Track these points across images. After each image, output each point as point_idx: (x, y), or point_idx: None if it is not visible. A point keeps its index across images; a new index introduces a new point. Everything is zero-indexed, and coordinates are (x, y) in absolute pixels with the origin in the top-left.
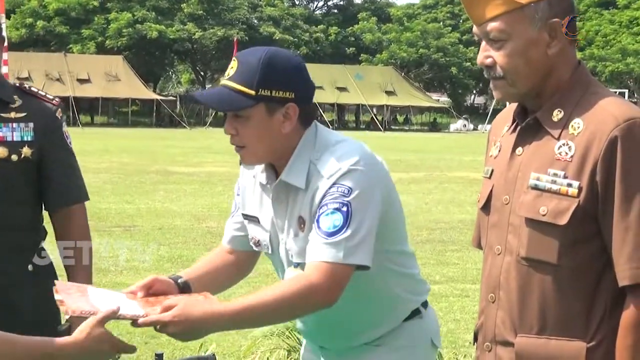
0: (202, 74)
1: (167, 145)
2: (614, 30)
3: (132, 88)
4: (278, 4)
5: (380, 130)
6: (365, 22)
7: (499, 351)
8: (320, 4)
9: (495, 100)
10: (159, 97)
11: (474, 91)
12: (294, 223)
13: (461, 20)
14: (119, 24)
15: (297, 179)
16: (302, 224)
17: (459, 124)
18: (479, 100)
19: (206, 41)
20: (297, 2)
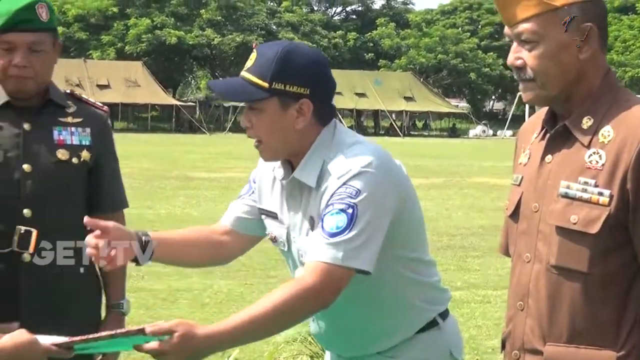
0: (222, 79)
1: (187, 150)
2: (633, 36)
3: (152, 94)
4: (297, 10)
5: (399, 136)
6: (383, 28)
7: (528, 359)
8: (339, 9)
9: (514, 105)
10: (178, 103)
11: (493, 97)
12: (306, 222)
13: (480, 26)
14: (138, 29)
15: (309, 177)
16: (312, 224)
17: (478, 129)
18: (498, 105)
19: (225, 47)
20: (316, 8)
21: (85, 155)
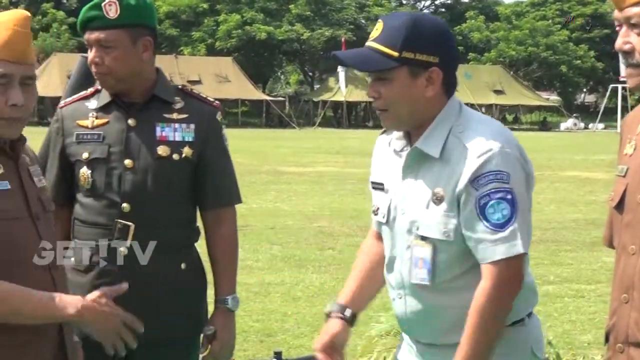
0: (311, 74)
1: (277, 145)
2: None
3: (242, 89)
4: (385, 4)
5: None
6: (473, 21)
7: (632, 352)
8: (428, 3)
9: (606, 98)
10: (268, 98)
11: (585, 89)
12: (426, 194)
13: (571, 18)
14: (228, 25)
15: (433, 148)
16: (438, 198)
17: (569, 122)
18: (590, 98)
19: (314, 42)
20: (405, 2)
21: (187, 151)
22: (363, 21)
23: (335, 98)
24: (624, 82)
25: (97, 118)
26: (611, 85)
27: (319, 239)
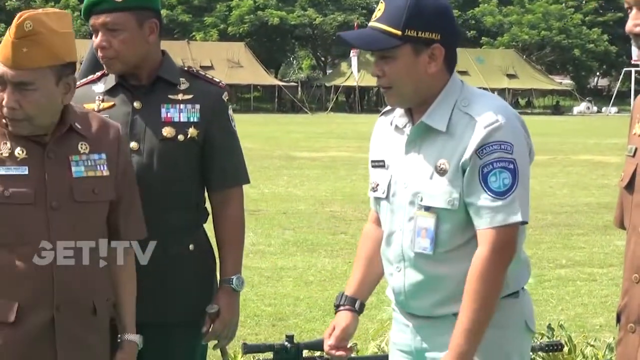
0: (323, 59)
1: (289, 130)
2: None
3: (254, 74)
4: None
5: None
6: (486, 5)
7: None
8: None
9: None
10: (281, 83)
11: (598, 73)
12: (430, 166)
13: (584, 1)
14: (241, 10)
15: (439, 122)
16: (442, 169)
17: (582, 106)
18: (603, 82)
19: (327, 27)
20: None
21: (192, 132)
22: (375, 5)
23: (347, 83)
24: (637, 66)
25: (104, 101)
26: (624, 68)
27: (331, 224)
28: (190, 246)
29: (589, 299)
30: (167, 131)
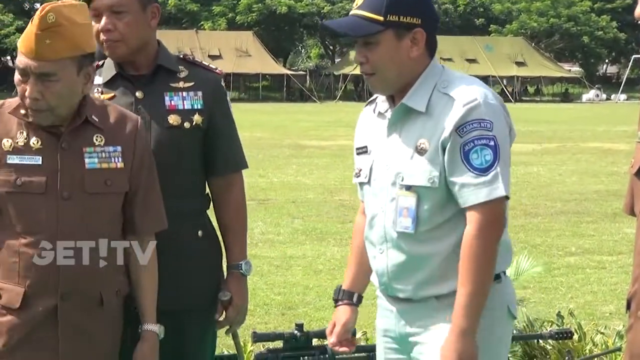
0: (332, 48)
1: (298, 119)
2: None
3: (263, 63)
4: None
5: (511, 102)
6: None
7: None
8: None
9: (629, 69)
10: (289, 72)
11: (607, 60)
12: (410, 146)
13: None
14: (249, 0)
15: (419, 103)
16: (422, 148)
17: (591, 94)
18: (612, 69)
19: (335, 15)
20: None
21: (197, 119)
22: None
23: (356, 72)
24: None
25: (103, 93)
26: (634, 55)
27: (340, 212)
28: (199, 233)
29: (599, 287)
30: (173, 119)
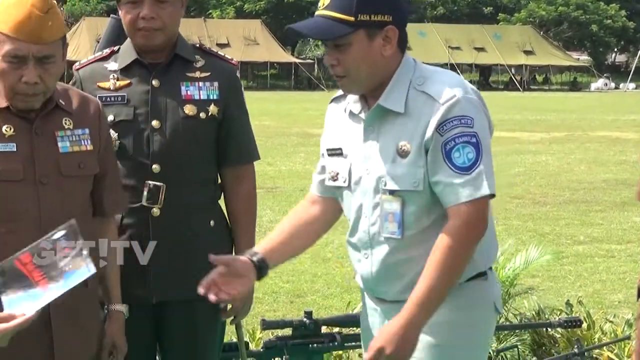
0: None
1: (306, 107)
2: None
3: (271, 52)
4: None
5: (519, 90)
6: None
7: None
8: None
9: (637, 57)
10: (297, 60)
11: (615, 49)
12: (391, 149)
13: None
14: None
15: (397, 103)
16: (404, 151)
17: (599, 82)
18: (620, 58)
19: None
20: None
21: (213, 109)
22: None
23: None
24: None
25: (119, 80)
26: None
27: None
28: (211, 222)
29: (607, 276)
30: (189, 109)
